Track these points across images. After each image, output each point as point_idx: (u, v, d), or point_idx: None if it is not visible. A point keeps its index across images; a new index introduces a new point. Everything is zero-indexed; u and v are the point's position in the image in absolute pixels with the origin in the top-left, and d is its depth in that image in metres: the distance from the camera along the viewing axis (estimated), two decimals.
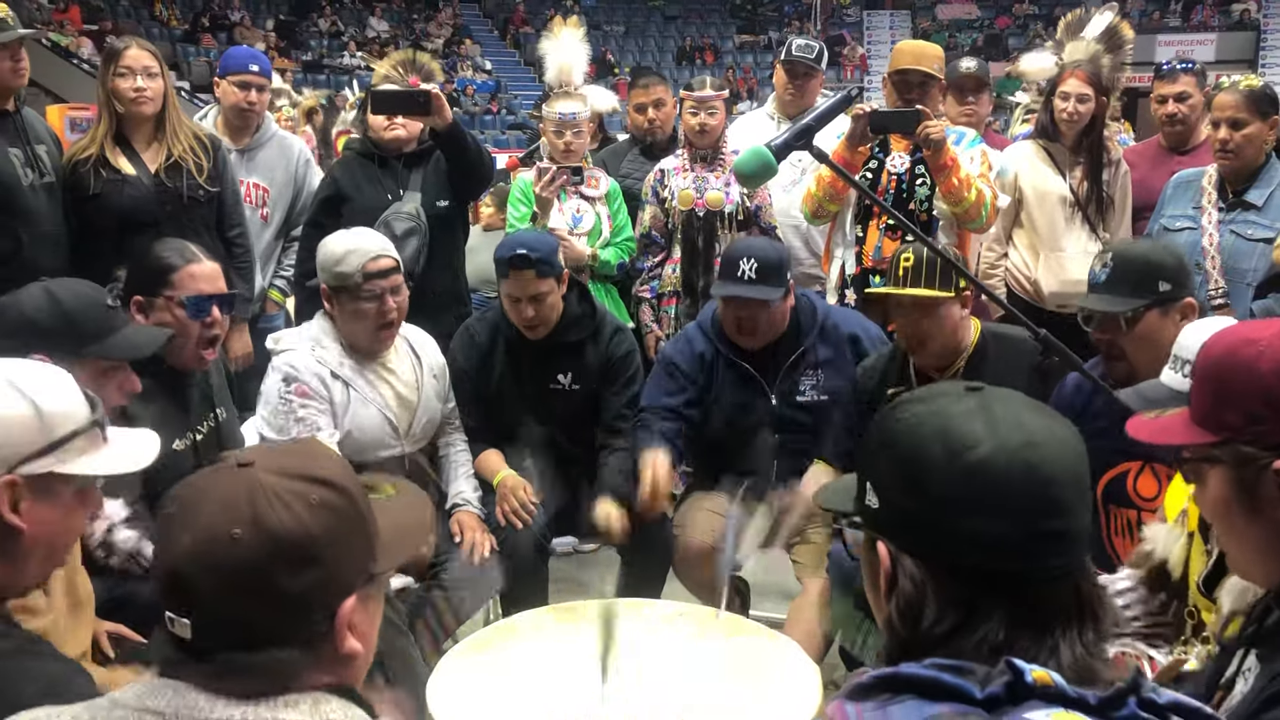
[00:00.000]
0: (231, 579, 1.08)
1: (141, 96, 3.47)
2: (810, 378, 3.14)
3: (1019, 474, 1.02)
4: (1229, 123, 3.41)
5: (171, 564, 1.11)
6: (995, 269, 4.06)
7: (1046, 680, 0.94)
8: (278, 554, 1.09)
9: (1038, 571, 1.01)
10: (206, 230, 3.60)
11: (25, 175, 3.32)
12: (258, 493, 1.11)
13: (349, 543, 1.15)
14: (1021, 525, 1.01)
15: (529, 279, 3.06)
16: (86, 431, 1.49)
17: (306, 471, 1.15)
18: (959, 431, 1.04)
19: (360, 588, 1.16)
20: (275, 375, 2.90)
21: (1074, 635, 1.01)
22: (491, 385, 3.23)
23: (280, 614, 1.10)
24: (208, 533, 1.09)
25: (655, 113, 4.41)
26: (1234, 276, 3.43)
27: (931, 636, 1.02)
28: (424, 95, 3.50)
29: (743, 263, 3.00)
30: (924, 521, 1.04)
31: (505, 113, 21.88)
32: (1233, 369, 1.29)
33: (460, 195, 3.86)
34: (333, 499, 1.14)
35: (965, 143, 3.69)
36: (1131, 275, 2.43)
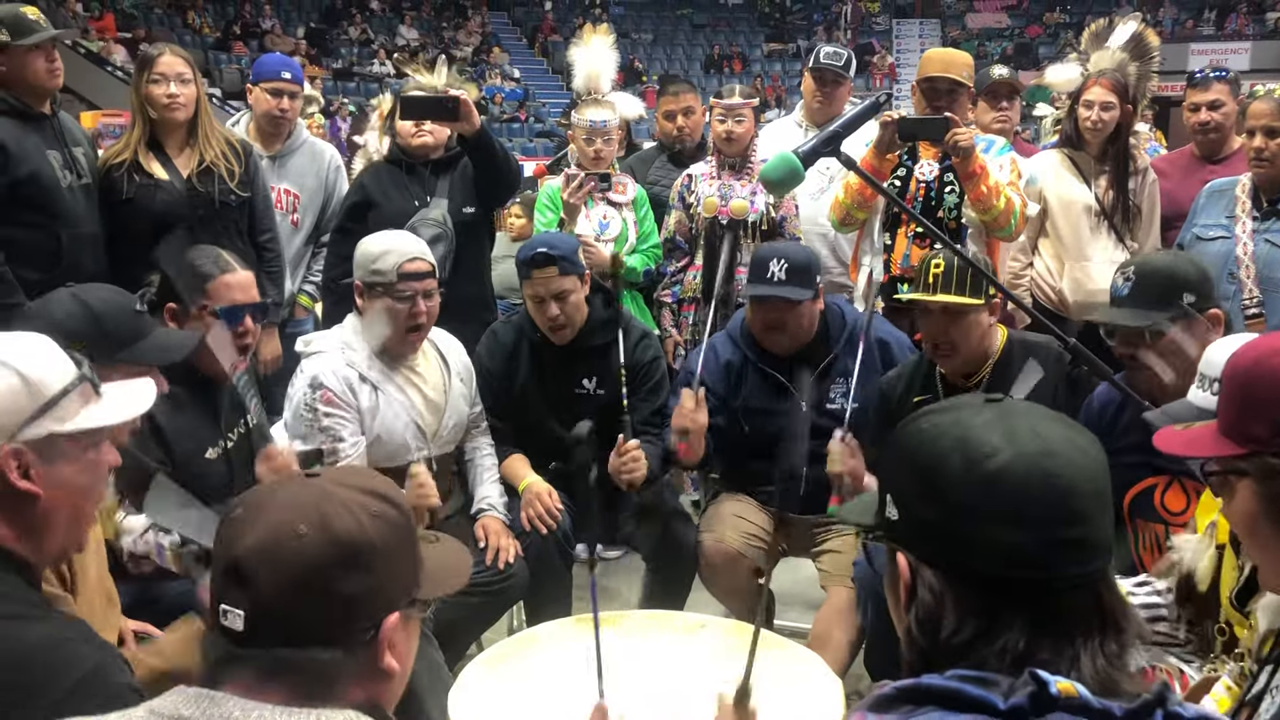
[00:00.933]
0: (291, 574, 1.13)
1: (174, 103, 3.51)
2: (840, 385, 3.13)
3: (1037, 482, 1.02)
4: (1264, 131, 3.37)
5: (234, 557, 1.15)
6: (1021, 278, 4.04)
7: (1071, 692, 0.93)
8: (337, 555, 1.14)
9: (1057, 580, 1.01)
10: (238, 235, 3.63)
11: (64, 177, 3.36)
12: (323, 497, 1.18)
13: (400, 558, 1.21)
14: (1040, 534, 1.01)
15: (551, 276, 3.08)
16: (77, 387, 1.50)
17: (368, 486, 1.22)
18: (977, 441, 1.05)
19: (404, 607, 1.21)
20: (302, 379, 2.92)
21: (1095, 645, 1.00)
22: (516, 388, 3.25)
23: (331, 614, 1.14)
24: (274, 529, 1.15)
25: (684, 120, 4.41)
26: (1269, 286, 3.39)
27: (951, 646, 1.01)
28: (453, 101, 3.52)
29: (772, 264, 3.00)
30: (943, 531, 1.04)
31: (533, 120, 21.96)
32: (1259, 380, 1.28)
33: (487, 202, 3.88)
34: (391, 514, 1.21)
35: (994, 150, 3.67)
36: (1155, 288, 2.39)
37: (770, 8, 28.07)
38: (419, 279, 2.93)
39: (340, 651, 1.15)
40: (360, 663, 1.16)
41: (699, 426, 2.98)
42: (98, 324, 2.10)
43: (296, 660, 1.13)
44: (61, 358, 1.53)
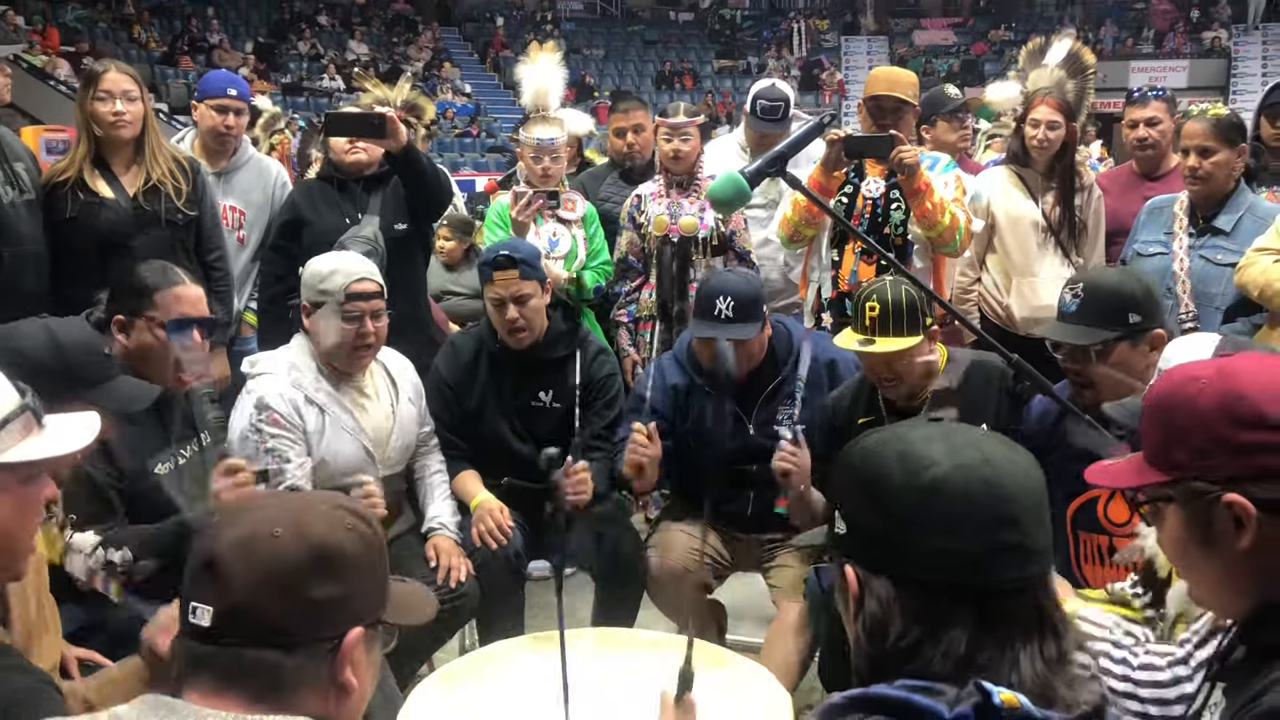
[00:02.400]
0: (264, 571, 1.16)
1: (120, 120, 3.47)
2: (788, 407, 3.15)
3: (976, 490, 1.07)
4: (1198, 150, 3.45)
5: (210, 553, 1.18)
6: (969, 294, 4.10)
7: (1014, 703, 0.97)
8: (311, 557, 1.18)
9: (997, 585, 1.06)
10: (185, 254, 3.59)
11: (5, 193, 3.30)
12: (304, 506, 1.24)
13: (369, 573, 1.24)
14: (979, 540, 1.06)
15: (512, 279, 3.09)
16: (18, 417, 1.47)
17: (346, 504, 1.27)
18: (918, 453, 1.10)
19: (368, 624, 1.23)
20: (248, 400, 2.90)
21: (1035, 649, 1.04)
22: (473, 399, 3.24)
23: (298, 616, 1.17)
24: (251, 528, 1.19)
25: (634, 137, 4.43)
26: (1204, 301, 3.47)
27: (897, 650, 1.06)
28: (379, 118, 3.51)
29: (719, 301, 2.99)
30: (887, 540, 1.09)
31: (485, 136, 21.90)
32: (1176, 407, 1.31)
33: (419, 218, 3.88)
34: (364, 530, 1.25)
35: (940, 168, 3.72)
36: (1102, 306, 2.43)
37: (721, 25, 28.25)
38: (366, 299, 2.92)
39: (303, 657, 1.17)
40: (320, 673, 1.18)
41: (652, 459, 2.99)
42: (64, 360, 2.07)
43: (257, 662, 1.15)
44: (6, 386, 1.50)
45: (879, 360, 2.80)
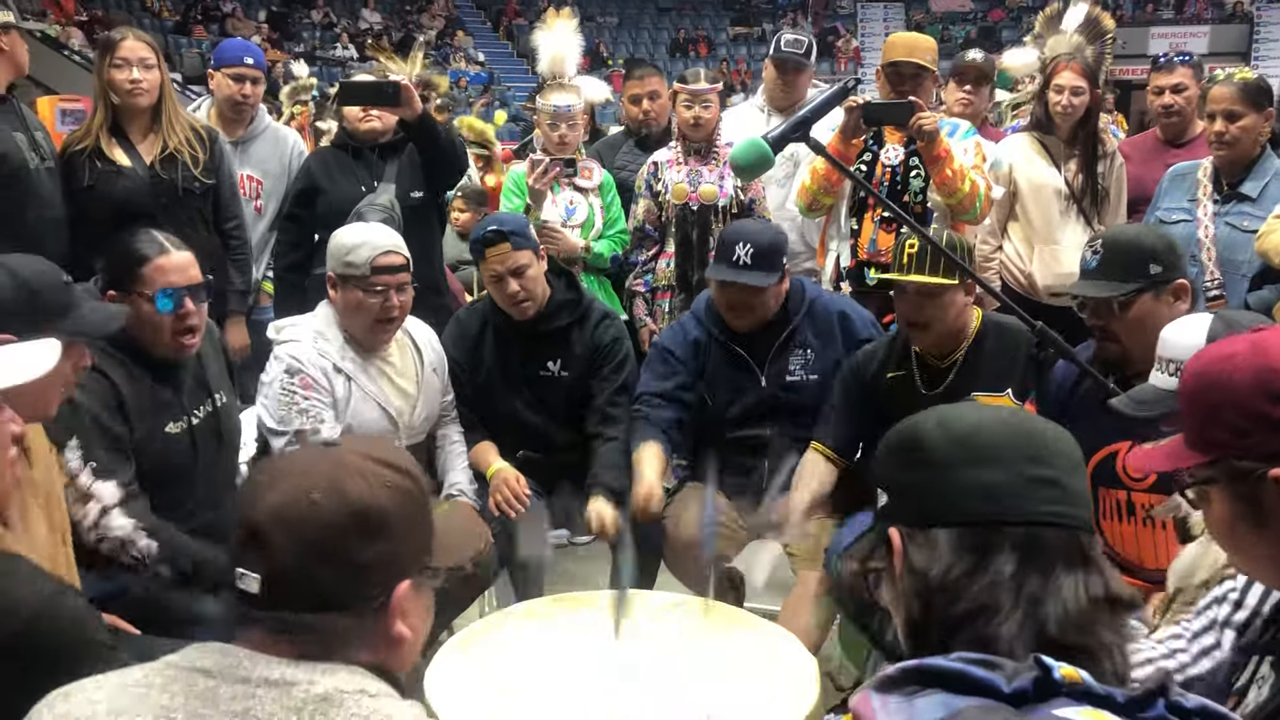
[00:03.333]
0: (307, 539, 1.15)
1: (137, 88, 3.46)
2: (799, 358, 3.15)
3: (1009, 430, 1.13)
4: (1224, 115, 3.41)
5: (252, 520, 1.17)
6: (990, 262, 4.07)
7: (1075, 678, 0.95)
8: (352, 521, 1.17)
9: (1037, 515, 1.08)
10: (203, 223, 3.60)
11: (31, 159, 3.31)
12: (340, 466, 1.20)
13: (414, 527, 1.23)
14: (1014, 471, 1.09)
15: (505, 252, 3.08)
16: None
17: (384, 457, 1.24)
18: (951, 414, 1.17)
19: (416, 575, 1.23)
20: (278, 365, 2.90)
21: (1079, 582, 1.06)
22: (481, 374, 3.24)
23: (345, 580, 1.17)
24: (290, 495, 1.17)
25: (650, 104, 4.40)
26: (1229, 268, 3.44)
27: (945, 585, 1.07)
28: (393, 86, 3.50)
29: (738, 247, 2.99)
30: (928, 488, 1.12)
31: (498, 105, 21.83)
32: (1212, 386, 1.30)
33: (434, 186, 3.87)
34: (405, 484, 1.23)
35: (959, 134, 3.69)
36: (1122, 259, 2.44)
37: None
38: (392, 272, 2.91)
39: (352, 617, 1.17)
40: (371, 629, 1.19)
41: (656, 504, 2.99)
42: (30, 295, 2.01)
43: (308, 623, 1.16)
44: None
45: (911, 300, 2.80)
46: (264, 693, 1.12)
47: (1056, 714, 0.92)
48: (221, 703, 1.12)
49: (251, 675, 1.14)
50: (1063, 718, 0.91)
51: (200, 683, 1.14)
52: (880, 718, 0.94)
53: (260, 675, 1.13)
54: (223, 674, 1.14)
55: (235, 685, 1.13)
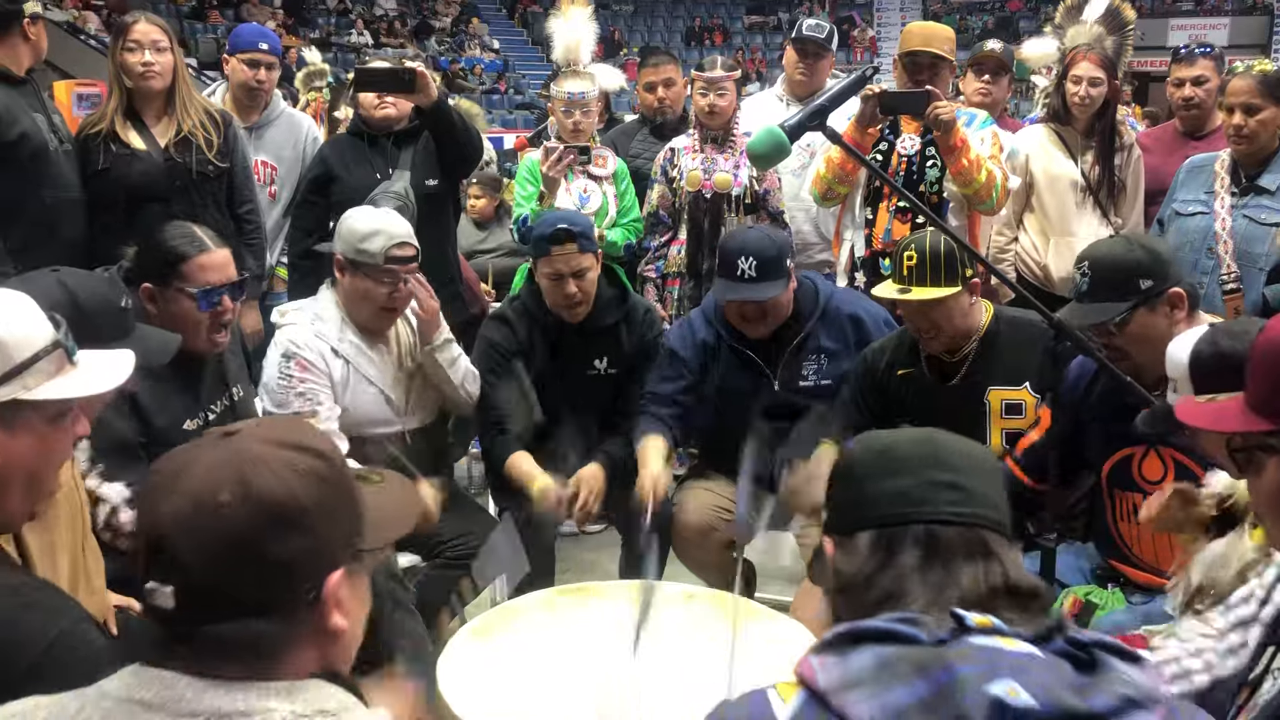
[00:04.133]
0: (217, 545, 1.05)
1: (150, 71, 3.46)
2: (813, 363, 3.12)
3: (918, 446, 1.25)
4: (1243, 108, 3.38)
5: (155, 531, 1.08)
6: (1005, 253, 4.05)
7: (986, 623, 1.06)
8: (265, 520, 1.07)
9: (938, 515, 1.18)
10: (216, 207, 3.60)
11: (50, 140, 3.31)
12: (245, 459, 1.09)
13: (337, 513, 1.13)
14: (917, 476, 1.20)
15: (571, 253, 3.06)
16: (50, 354, 1.45)
17: (292, 440, 1.13)
18: (879, 435, 1.31)
19: (347, 562, 1.14)
20: (276, 350, 2.91)
21: (979, 572, 1.14)
22: (531, 374, 3.16)
23: (267, 582, 1.07)
24: (193, 498, 1.07)
25: (665, 92, 4.39)
26: (1246, 261, 3.41)
27: (858, 578, 1.18)
28: (409, 73, 3.49)
29: (741, 261, 2.95)
30: (851, 501, 1.24)
31: (513, 92, 21.79)
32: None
33: (450, 174, 3.86)
34: (320, 468, 1.12)
35: (976, 124, 3.67)
36: (1111, 279, 2.40)
37: None
38: (404, 263, 2.92)
39: (283, 620, 1.08)
40: (305, 627, 1.10)
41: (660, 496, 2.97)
42: (80, 315, 2.03)
43: (236, 635, 1.06)
44: (40, 320, 1.48)
45: (916, 310, 2.79)
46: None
47: (973, 641, 1.04)
48: None
49: (198, 709, 1.04)
50: (978, 644, 1.04)
51: (141, 718, 1.05)
52: (820, 674, 1.05)
53: (209, 707, 1.04)
54: (166, 707, 1.05)
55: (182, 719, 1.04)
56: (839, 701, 1.01)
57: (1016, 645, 1.04)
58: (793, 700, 1.06)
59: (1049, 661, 1.03)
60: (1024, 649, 1.04)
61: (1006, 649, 1.03)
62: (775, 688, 1.10)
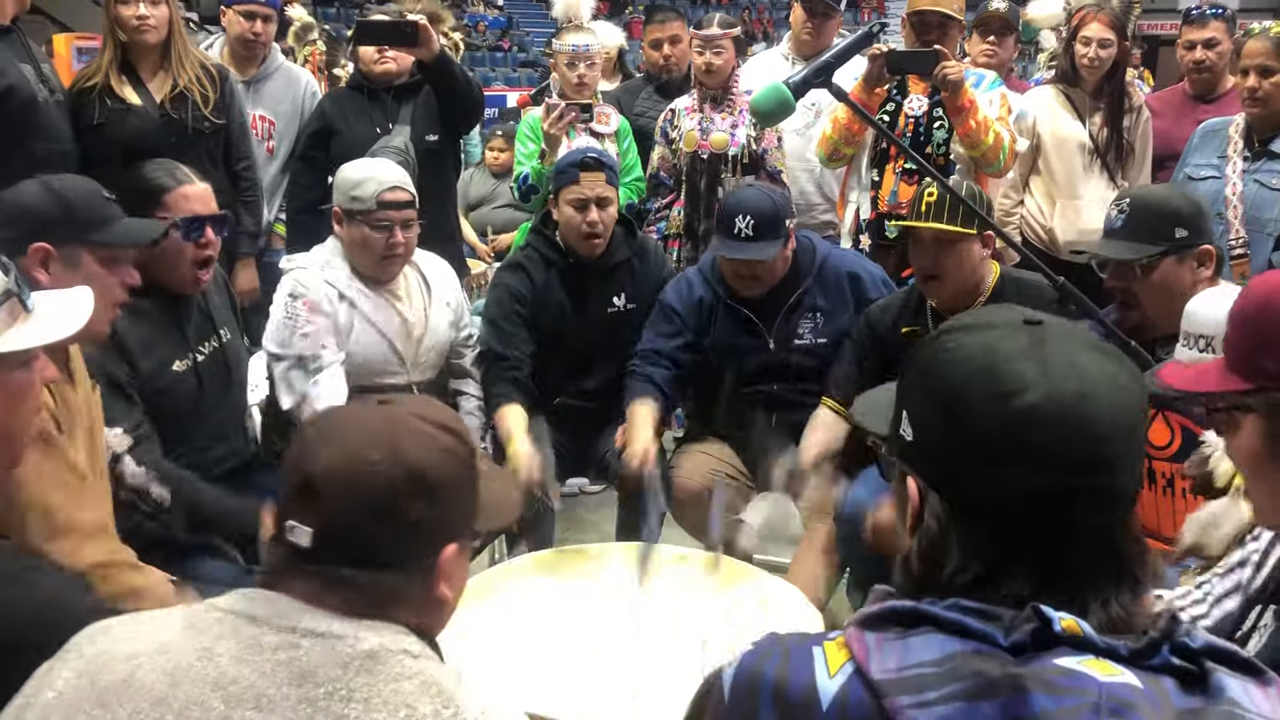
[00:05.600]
0: (362, 498, 1.15)
1: (145, 24, 3.41)
2: (809, 321, 3.10)
3: (1070, 428, 0.93)
4: (1259, 70, 3.33)
5: (306, 474, 1.17)
6: (1011, 216, 4.01)
7: (1075, 630, 0.90)
8: (407, 483, 1.16)
9: (1075, 529, 0.95)
10: (213, 163, 3.55)
11: (39, 90, 3.26)
12: (398, 426, 1.20)
13: (465, 491, 1.24)
14: (1064, 482, 0.93)
15: (599, 180, 3.06)
16: (2, 304, 1.41)
17: (439, 419, 1.24)
18: (1008, 373, 0.95)
19: (462, 537, 1.23)
20: (283, 290, 2.91)
21: (1110, 598, 0.95)
22: (551, 317, 3.16)
23: (398, 538, 1.17)
24: (347, 451, 1.17)
25: (671, 49, 4.33)
26: (1254, 226, 3.38)
27: (952, 586, 0.96)
28: (411, 26, 3.45)
29: (738, 220, 2.92)
30: (959, 463, 0.96)
31: (517, 50, 21.61)
32: (1270, 315, 1.26)
33: (450, 130, 3.83)
34: (458, 448, 1.23)
35: (985, 85, 3.62)
36: (1148, 220, 2.38)
37: None
38: (398, 208, 2.89)
39: (400, 576, 1.17)
40: (418, 589, 1.19)
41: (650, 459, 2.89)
42: (68, 209, 2.04)
43: (358, 578, 1.15)
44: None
45: (927, 247, 2.76)
46: (309, 643, 1.11)
47: (1057, 662, 0.88)
48: (265, 650, 1.11)
49: (297, 625, 1.12)
50: (1064, 666, 0.87)
51: (245, 629, 1.13)
52: (874, 657, 0.91)
53: (306, 626, 1.12)
54: (268, 621, 1.13)
55: (280, 634, 1.12)
56: (893, 705, 0.88)
57: (1111, 671, 0.88)
58: (839, 674, 0.93)
59: (1149, 694, 0.88)
60: (1120, 678, 0.88)
61: (1099, 678, 0.87)
62: (823, 647, 0.96)
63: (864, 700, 0.90)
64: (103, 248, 2.06)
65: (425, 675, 1.12)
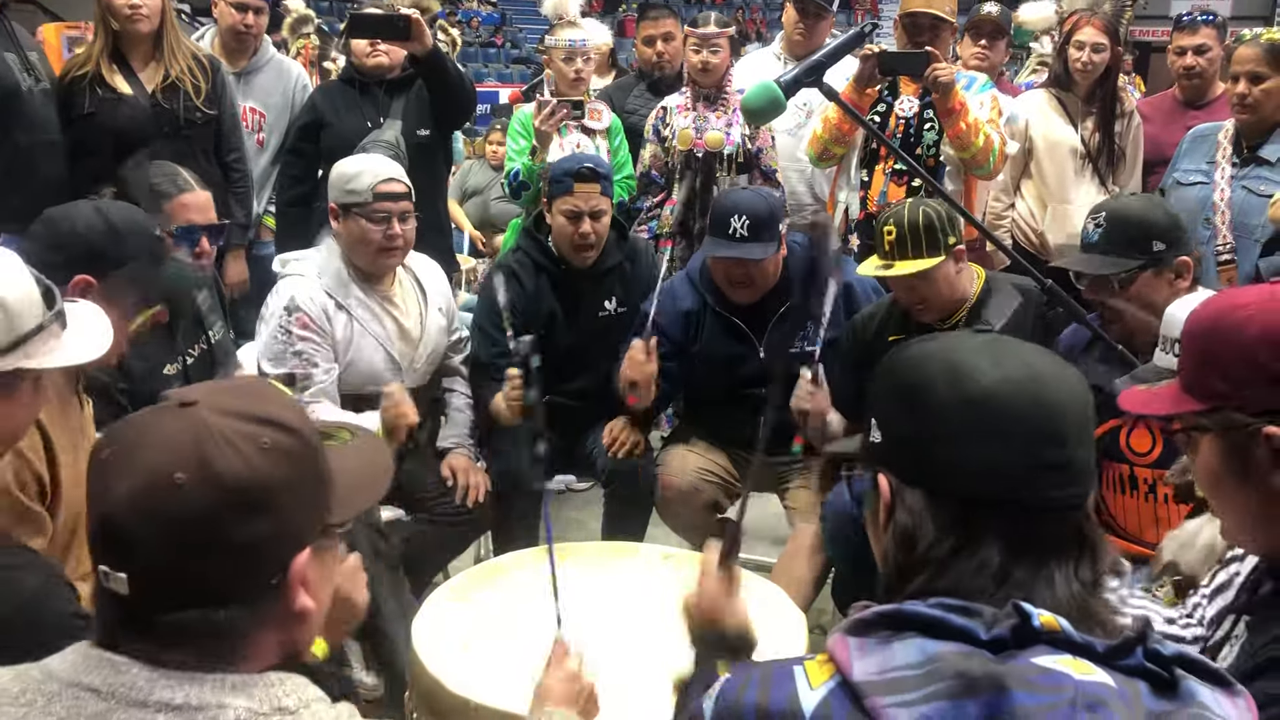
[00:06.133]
0: (174, 529, 0.98)
1: (137, 14, 3.40)
2: (801, 328, 3.09)
3: (1022, 403, 1.01)
4: (1249, 76, 3.34)
5: (107, 512, 1.00)
6: (1002, 219, 4.02)
7: (1054, 626, 0.93)
8: (225, 501, 0.99)
9: (1036, 502, 1.00)
10: (203, 154, 3.55)
11: (23, 80, 3.23)
12: (204, 434, 1.00)
13: (303, 490, 1.06)
14: (1023, 454, 1.00)
15: (594, 192, 3.05)
16: (50, 325, 1.45)
17: (257, 412, 1.04)
18: (964, 362, 1.04)
19: (314, 540, 1.08)
20: (278, 300, 2.87)
21: (1071, 570, 1.00)
22: (541, 322, 3.14)
23: (227, 568, 1.00)
24: (148, 478, 0.99)
25: (664, 46, 4.32)
26: (1242, 232, 3.39)
27: (928, 560, 1.01)
28: (403, 19, 3.44)
29: (733, 220, 2.92)
30: (925, 449, 1.03)
31: (510, 46, 21.57)
32: (1219, 334, 1.27)
33: (442, 125, 3.82)
34: (286, 442, 1.04)
35: (976, 87, 3.63)
36: (1125, 234, 2.38)
37: None
38: (394, 200, 2.87)
39: (244, 608, 1.01)
40: (269, 612, 1.04)
41: (647, 376, 2.95)
42: (120, 244, 2.05)
43: (194, 624, 0.99)
44: (35, 289, 1.47)
45: (901, 284, 2.76)
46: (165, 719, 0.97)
47: (1035, 661, 0.91)
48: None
49: (148, 699, 0.98)
50: (1042, 665, 0.91)
51: (89, 704, 0.98)
52: (856, 662, 0.94)
53: (159, 699, 0.98)
54: (115, 695, 0.98)
55: (131, 710, 0.97)
56: (873, 704, 0.91)
57: (1086, 670, 0.91)
58: (821, 687, 0.95)
59: (1122, 693, 0.91)
60: (1095, 677, 0.91)
61: (1075, 676, 0.90)
62: (804, 665, 0.98)
63: (846, 705, 0.92)
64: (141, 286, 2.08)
65: None
